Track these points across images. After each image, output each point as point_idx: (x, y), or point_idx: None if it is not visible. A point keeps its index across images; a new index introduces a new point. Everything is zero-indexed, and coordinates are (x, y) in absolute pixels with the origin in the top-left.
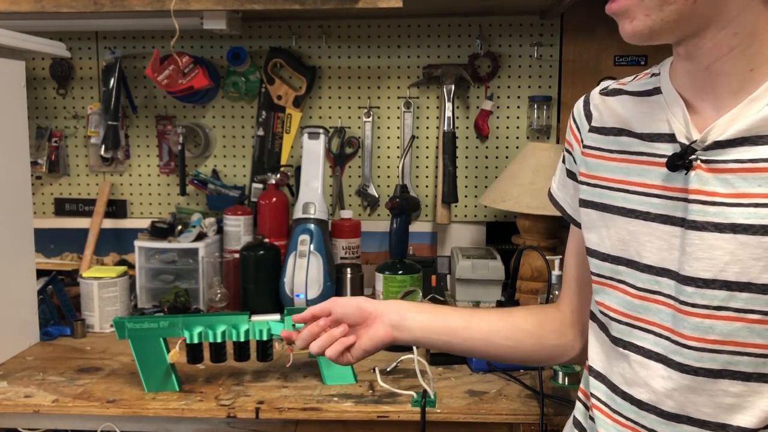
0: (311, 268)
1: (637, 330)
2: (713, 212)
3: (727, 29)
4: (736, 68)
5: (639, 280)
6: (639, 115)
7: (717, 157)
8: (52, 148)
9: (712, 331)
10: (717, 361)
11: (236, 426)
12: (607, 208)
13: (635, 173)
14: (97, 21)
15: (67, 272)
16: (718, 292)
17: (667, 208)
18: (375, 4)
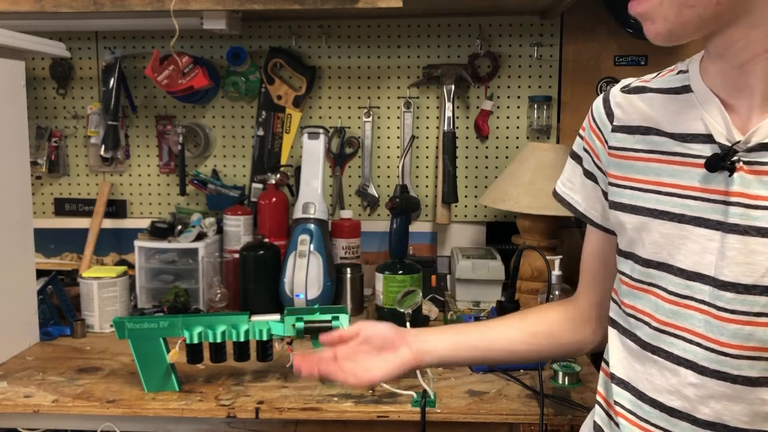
0: (311, 268)
1: (666, 335)
2: (756, 216)
3: (759, 28)
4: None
5: (672, 284)
6: (669, 114)
7: (761, 159)
8: (52, 148)
9: (752, 338)
10: (756, 369)
11: (236, 426)
12: (640, 210)
13: (667, 174)
14: (97, 21)
15: (67, 272)
16: (759, 298)
17: (704, 210)
18: (375, 4)
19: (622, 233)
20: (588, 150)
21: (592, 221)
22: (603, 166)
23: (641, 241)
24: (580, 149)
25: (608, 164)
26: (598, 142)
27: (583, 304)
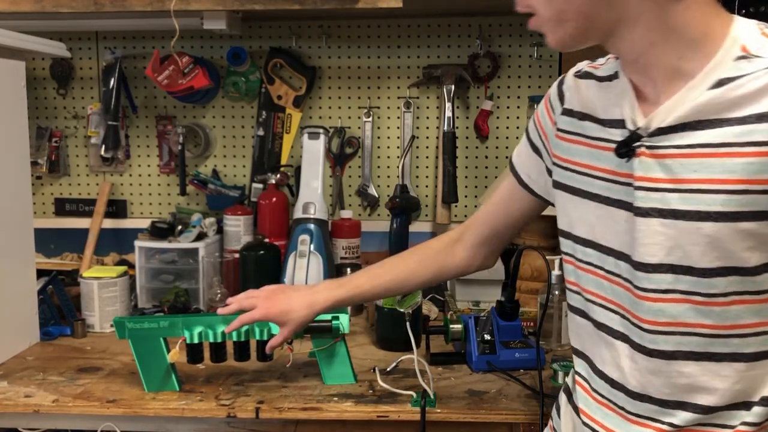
0: (311, 268)
1: (608, 311)
2: (656, 198)
3: (638, 27)
4: (664, 58)
5: (606, 262)
6: (601, 101)
7: (660, 143)
8: (52, 148)
9: (662, 313)
10: (669, 343)
11: (236, 426)
12: (576, 191)
13: (595, 158)
14: (98, 21)
15: (68, 272)
16: (665, 276)
17: (620, 193)
18: (375, 4)
19: (562, 213)
20: (538, 127)
21: (532, 191)
22: (550, 146)
23: (579, 221)
24: (532, 126)
25: (554, 145)
26: (549, 122)
27: (468, 240)
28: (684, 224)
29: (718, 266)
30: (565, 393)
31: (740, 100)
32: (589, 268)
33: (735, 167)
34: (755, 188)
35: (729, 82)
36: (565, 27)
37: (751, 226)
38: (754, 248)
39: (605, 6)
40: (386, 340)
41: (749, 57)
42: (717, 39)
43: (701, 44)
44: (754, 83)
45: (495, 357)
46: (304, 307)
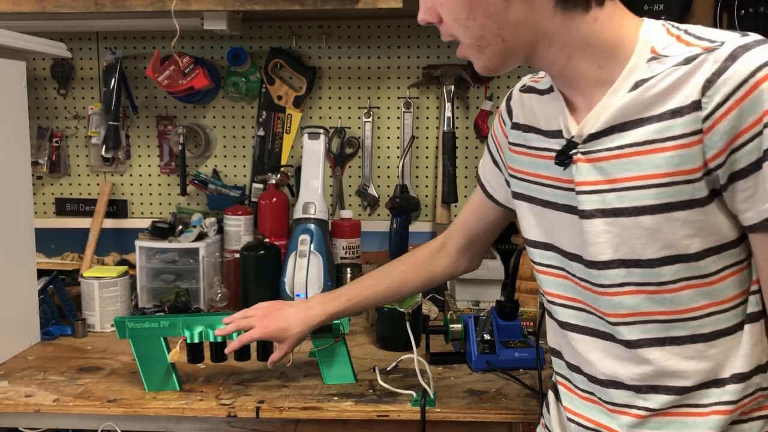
0: (311, 268)
1: (571, 309)
2: (596, 200)
3: (554, 45)
4: (584, 68)
5: (565, 263)
6: (543, 113)
7: (593, 148)
8: (53, 148)
9: (621, 305)
10: (633, 332)
11: (237, 425)
12: (532, 199)
13: (541, 167)
14: (98, 21)
15: (68, 272)
16: (617, 271)
17: (565, 198)
18: (375, 4)
19: (524, 222)
20: (495, 141)
21: (495, 199)
22: (505, 159)
23: (537, 228)
24: (491, 140)
25: (509, 158)
26: (503, 136)
27: (450, 248)
28: (625, 220)
29: (663, 256)
30: (552, 390)
31: (655, 98)
32: (550, 271)
33: (660, 162)
34: (680, 179)
35: (644, 83)
36: (486, 52)
37: (683, 215)
38: (692, 235)
39: (517, 28)
40: (386, 340)
41: (658, 57)
42: (629, 43)
43: (616, 51)
44: (664, 82)
45: (495, 357)
46: (300, 323)
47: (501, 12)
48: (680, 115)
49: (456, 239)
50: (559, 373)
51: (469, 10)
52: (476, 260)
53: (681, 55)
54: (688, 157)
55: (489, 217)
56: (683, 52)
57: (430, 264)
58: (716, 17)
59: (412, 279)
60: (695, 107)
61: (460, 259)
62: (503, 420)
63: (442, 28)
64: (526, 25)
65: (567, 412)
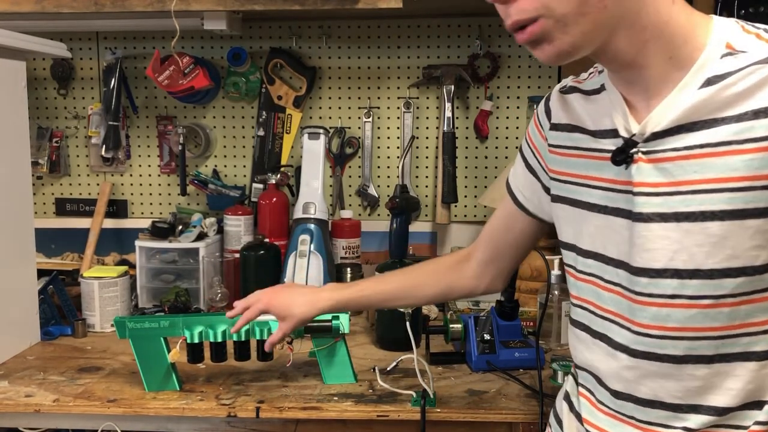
0: (311, 268)
1: (606, 321)
2: (657, 203)
3: (636, 25)
4: (656, 59)
5: (606, 272)
6: (590, 113)
7: (656, 148)
8: (53, 148)
9: (670, 318)
10: (679, 348)
11: (237, 425)
12: (576, 203)
13: (593, 168)
14: (98, 21)
15: (68, 272)
16: (670, 281)
17: (619, 201)
18: (375, 4)
19: (564, 225)
20: (530, 146)
21: (525, 208)
22: (544, 162)
23: (580, 233)
24: (525, 145)
25: (549, 160)
26: (541, 139)
27: (475, 261)
28: (689, 226)
29: (726, 267)
30: (566, 401)
31: (734, 98)
32: (589, 279)
33: (737, 165)
34: (758, 184)
35: (719, 80)
36: (582, 24)
37: (757, 223)
38: (762, 246)
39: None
40: (386, 340)
41: (735, 53)
42: (701, 36)
43: (688, 41)
44: (746, 80)
45: (495, 357)
46: (306, 303)
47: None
48: (765, 115)
49: (481, 251)
50: (583, 385)
51: None
52: (499, 280)
53: (763, 53)
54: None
55: (516, 228)
56: (765, 50)
57: (450, 273)
58: None
59: (428, 284)
60: None
61: (484, 273)
62: (503, 420)
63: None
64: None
65: (587, 425)
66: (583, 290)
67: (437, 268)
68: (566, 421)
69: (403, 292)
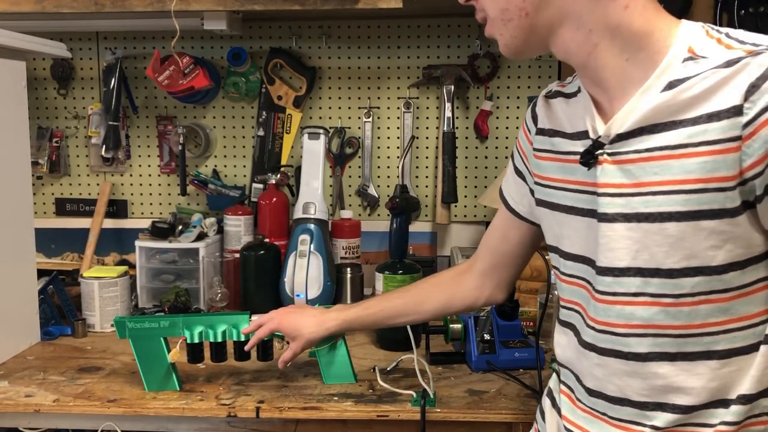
0: (311, 268)
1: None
2: (620, 203)
3: (580, 29)
4: (611, 60)
5: (582, 271)
6: (568, 116)
7: (620, 149)
8: (52, 148)
9: (633, 317)
10: (643, 345)
11: (237, 425)
12: (554, 206)
13: (568, 171)
14: (98, 21)
15: (68, 272)
16: (633, 279)
17: (588, 202)
18: (375, 4)
19: (547, 229)
20: (519, 150)
21: (518, 214)
22: (530, 167)
23: (561, 236)
24: (515, 150)
25: (533, 165)
26: (528, 143)
27: (475, 272)
28: (648, 226)
29: (684, 266)
30: (549, 397)
31: (691, 101)
32: (572, 280)
33: (692, 167)
34: (712, 186)
35: (679, 84)
36: (509, 27)
37: (711, 224)
38: (718, 247)
39: (542, 3)
40: (386, 340)
41: (696, 58)
42: (663, 40)
43: (646, 44)
44: (702, 84)
45: (494, 357)
46: (314, 324)
47: None
48: (717, 119)
49: (481, 260)
50: (565, 383)
51: None
52: (500, 290)
53: (721, 58)
54: (723, 164)
55: (513, 235)
56: (724, 54)
57: (450, 284)
58: (716, 17)
59: (430, 298)
60: (735, 112)
61: (485, 283)
62: (503, 420)
63: (477, 4)
64: (553, 3)
65: (566, 422)
66: (565, 291)
67: (438, 281)
68: (548, 416)
69: (407, 307)
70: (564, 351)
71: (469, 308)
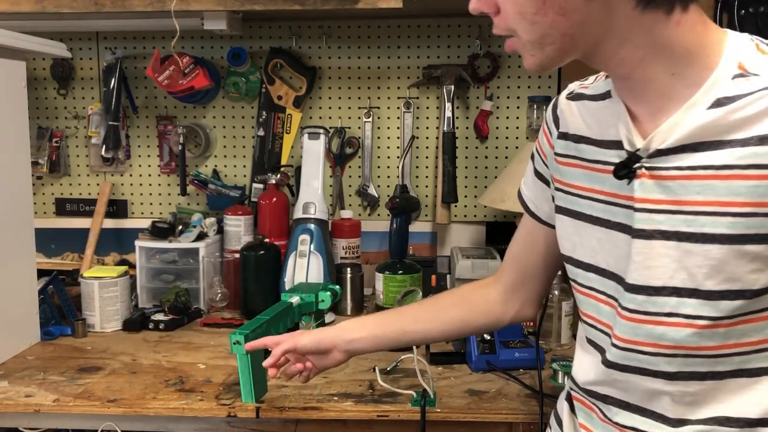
0: (311, 268)
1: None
2: (659, 220)
3: (626, 44)
4: (657, 74)
5: (605, 286)
6: (596, 121)
7: (660, 165)
8: (52, 148)
9: (664, 337)
10: (672, 365)
11: (236, 425)
12: (578, 215)
13: (597, 181)
14: (98, 21)
15: (68, 272)
16: (668, 299)
17: (620, 215)
18: (375, 4)
19: (565, 238)
20: (540, 153)
21: (539, 218)
22: (551, 171)
23: (580, 246)
24: (535, 151)
25: (554, 170)
26: (548, 146)
27: (501, 285)
28: (689, 246)
29: (725, 289)
30: (567, 402)
31: (741, 122)
32: (592, 294)
33: (740, 190)
34: (761, 211)
35: (728, 102)
36: (547, 50)
37: (757, 249)
38: (761, 270)
39: (589, 27)
40: None
41: (747, 75)
42: (712, 55)
43: (695, 60)
44: (755, 105)
45: (495, 357)
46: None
47: (577, 10)
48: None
49: (507, 273)
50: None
51: (541, 4)
52: (530, 306)
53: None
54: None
55: (539, 243)
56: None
57: (472, 296)
58: (716, 17)
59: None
60: None
61: (512, 298)
62: (503, 420)
63: (498, 20)
64: (599, 24)
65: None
66: (585, 305)
67: (461, 292)
68: (566, 421)
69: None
70: (587, 374)
71: (493, 325)
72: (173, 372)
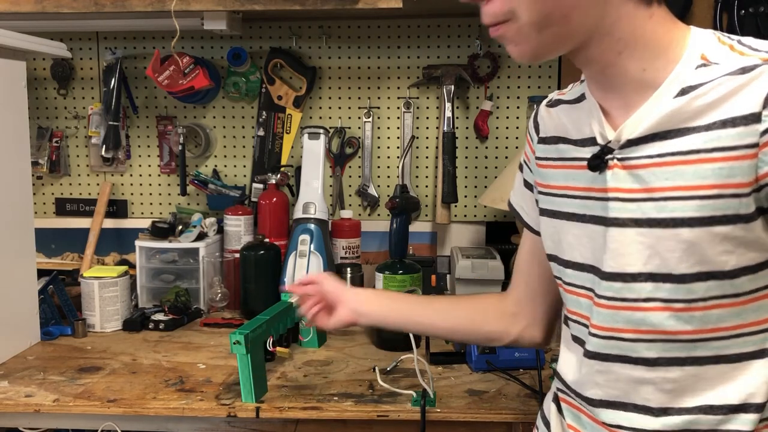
0: (311, 268)
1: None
2: (631, 208)
3: (610, 36)
4: (630, 69)
5: (585, 281)
6: (573, 123)
7: (630, 155)
8: (53, 148)
9: (644, 322)
10: (653, 351)
11: (237, 425)
12: (556, 214)
13: (572, 178)
14: (98, 21)
15: (68, 272)
16: (645, 285)
17: (595, 208)
18: (375, 4)
19: (547, 238)
20: (525, 161)
21: (532, 229)
22: (534, 176)
23: (561, 244)
24: (522, 161)
25: (536, 173)
26: (531, 153)
27: (508, 299)
28: (661, 232)
29: (697, 271)
30: (554, 402)
31: (705, 108)
32: (574, 290)
33: (707, 173)
34: (727, 192)
35: (691, 90)
36: (544, 34)
37: (725, 230)
38: (731, 252)
39: (588, 11)
40: (386, 340)
41: (708, 64)
42: (678, 48)
43: (663, 53)
44: (715, 90)
45: (494, 356)
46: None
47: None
48: (732, 125)
49: (516, 287)
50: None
51: None
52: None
53: (735, 65)
54: (739, 171)
55: (540, 253)
56: (738, 61)
57: (488, 299)
58: (716, 17)
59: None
60: (753, 119)
61: (520, 312)
62: (503, 420)
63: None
64: (597, 8)
65: (572, 430)
66: (570, 301)
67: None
68: (554, 422)
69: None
70: (572, 372)
71: (498, 335)
72: (173, 372)
